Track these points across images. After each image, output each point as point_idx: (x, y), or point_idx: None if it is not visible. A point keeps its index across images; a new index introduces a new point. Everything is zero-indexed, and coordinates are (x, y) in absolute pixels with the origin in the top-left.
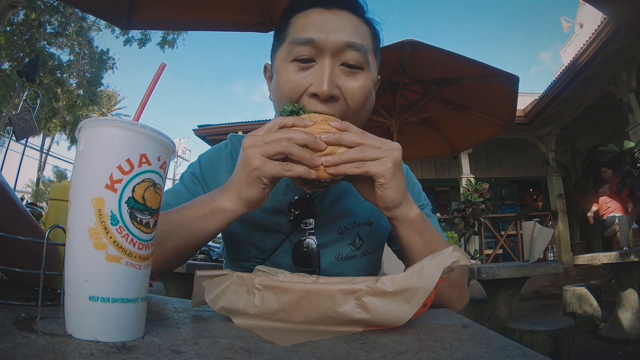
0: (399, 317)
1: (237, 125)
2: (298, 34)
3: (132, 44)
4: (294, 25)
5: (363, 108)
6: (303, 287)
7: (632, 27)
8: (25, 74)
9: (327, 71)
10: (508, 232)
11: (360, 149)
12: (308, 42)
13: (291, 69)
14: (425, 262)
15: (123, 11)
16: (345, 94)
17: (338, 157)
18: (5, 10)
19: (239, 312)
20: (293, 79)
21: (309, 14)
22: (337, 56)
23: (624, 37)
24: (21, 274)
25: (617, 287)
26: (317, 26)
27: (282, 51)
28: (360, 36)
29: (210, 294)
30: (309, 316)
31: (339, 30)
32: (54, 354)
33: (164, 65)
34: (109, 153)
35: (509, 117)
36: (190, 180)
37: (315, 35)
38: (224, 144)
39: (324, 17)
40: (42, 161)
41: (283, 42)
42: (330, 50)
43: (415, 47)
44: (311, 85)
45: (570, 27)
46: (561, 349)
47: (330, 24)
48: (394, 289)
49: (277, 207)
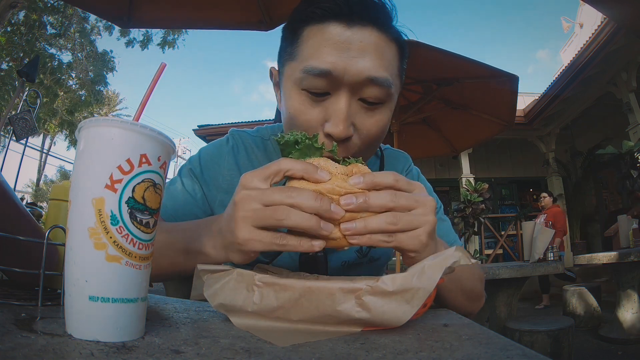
0: (399, 317)
1: (237, 125)
2: (311, 61)
3: (134, 46)
4: (306, 42)
5: (377, 141)
6: (303, 285)
7: (632, 27)
8: (25, 74)
9: (344, 111)
10: (508, 232)
11: (392, 217)
12: (324, 74)
13: (303, 99)
14: (426, 263)
15: (123, 10)
16: (361, 131)
17: (363, 225)
18: (5, 10)
19: (237, 309)
20: (306, 112)
21: (325, 31)
22: (356, 90)
23: (624, 37)
24: (21, 274)
25: (617, 287)
26: (335, 52)
27: (293, 71)
28: (385, 65)
29: (208, 289)
30: (308, 314)
31: (360, 58)
32: (54, 354)
33: (164, 65)
34: (109, 153)
35: (509, 117)
36: (189, 177)
37: (332, 65)
38: (225, 139)
39: (343, 37)
40: (42, 161)
41: (293, 59)
42: (349, 85)
43: (415, 47)
44: (326, 122)
45: (570, 27)
46: (561, 349)
47: (351, 49)
48: (394, 288)
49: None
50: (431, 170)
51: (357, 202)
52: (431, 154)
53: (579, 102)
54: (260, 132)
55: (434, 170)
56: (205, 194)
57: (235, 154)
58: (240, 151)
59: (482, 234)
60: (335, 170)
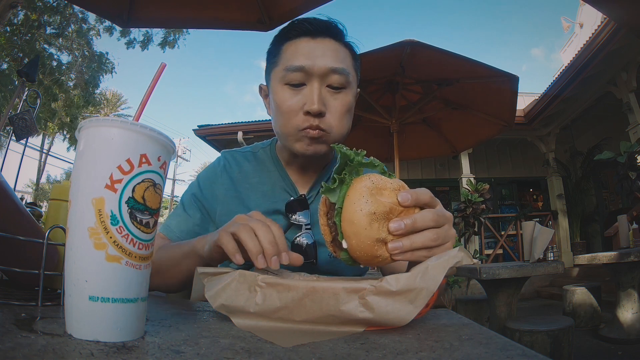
0: (402, 317)
1: (237, 125)
2: (290, 62)
3: (135, 46)
4: (285, 52)
5: (345, 119)
6: (307, 285)
7: (632, 27)
8: (25, 74)
9: (316, 93)
10: (508, 232)
11: (434, 234)
12: (299, 69)
13: (286, 91)
14: (430, 263)
15: (123, 9)
16: (330, 109)
17: (410, 244)
18: (5, 10)
19: (239, 310)
20: (289, 100)
21: (298, 43)
22: (323, 79)
23: (624, 37)
24: (21, 274)
25: (617, 287)
26: (305, 54)
27: (277, 74)
28: (341, 60)
29: (210, 290)
30: (311, 315)
31: (323, 57)
32: (54, 354)
33: (163, 65)
34: (109, 153)
35: (509, 117)
36: (190, 203)
37: (305, 62)
38: (217, 161)
39: (310, 46)
40: (42, 161)
41: (277, 66)
42: (317, 75)
43: (415, 47)
44: (304, 105)
45: (570, 27)
46: (561, 349)
47: (316, 51)
48: (398, 288)
49: (275, 209)
50: (431, 170)
51: (405, 226)
52: (431, 154)
53: (579, 102)
54: (251, 148)
55: (434, 170)
56: (206, 208)
57: (227, 171)
58: (233, 167)
59: (482, 234)
60: (390, 186)
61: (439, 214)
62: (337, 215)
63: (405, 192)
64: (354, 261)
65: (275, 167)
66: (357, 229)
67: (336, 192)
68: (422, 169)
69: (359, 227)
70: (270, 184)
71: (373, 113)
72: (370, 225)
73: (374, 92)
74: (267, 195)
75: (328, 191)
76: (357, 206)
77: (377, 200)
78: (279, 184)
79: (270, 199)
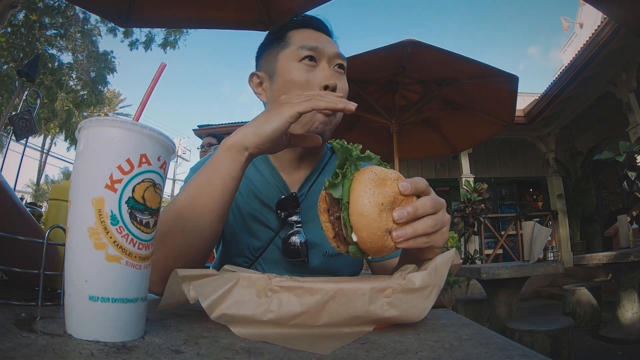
0: (419, 312)
1: (237, 125)
2: (305, 42)
3: (138, 47)
4: (295, 36)
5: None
6: (335, 287)
7: (632, 27)
8: (25, 74)
9: (330, 70)
10: (508, 232)
11: (433, 220)
12: (313, 48)
13: (302, 66)
14: (438, 261)
15: (123, 9)
16: (338, 86)
17: (412, 231)
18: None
19: (247, 319)
20: (306, 74)
21: (306, 31)
22: (332, 61)
23: (624, 37)
24: (21, 274)
25: (617, 287)
26: (316, 40)
27: (289, 54)
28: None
29: (206, 299)
30: (334, 318)
31: (329, 44)
32: (54, 354)
33: (163, 65)
34: (109, 153)
35: (508, 117)
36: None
37: (317, 44)
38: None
39: (317, 34)
40: (42, 161)
41: (288, 47)
42: (328, 56)
43: (415, 47)
44: (320, 80)
45: (570, 27)
46: (561, 349)
47: (322, 39)
48: (419, 285)
49: (267, 202)
50: (431, 170)
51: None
52: (431, 154)
53: (579, 102)
54: None
55: (434, 170)
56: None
57: None
58: None
59: (482, 234)
60: (391, 176)
61: (435, 201)
62: (345, 210)
63: (405, 182)
64: (362, 253)
65: (266, 165)
66: (368, 221)
67: (339, 187)
68: (422, 169)
69: (369, 218)
70: (261, 183)
71: (373, 113)
72: (379, 216)
73: (373, 92)
74: (258, 194)
75: (332, 187)
76: (365, 199)
77: (383, 191)
78: (270, 182)
79: (262, 197)
